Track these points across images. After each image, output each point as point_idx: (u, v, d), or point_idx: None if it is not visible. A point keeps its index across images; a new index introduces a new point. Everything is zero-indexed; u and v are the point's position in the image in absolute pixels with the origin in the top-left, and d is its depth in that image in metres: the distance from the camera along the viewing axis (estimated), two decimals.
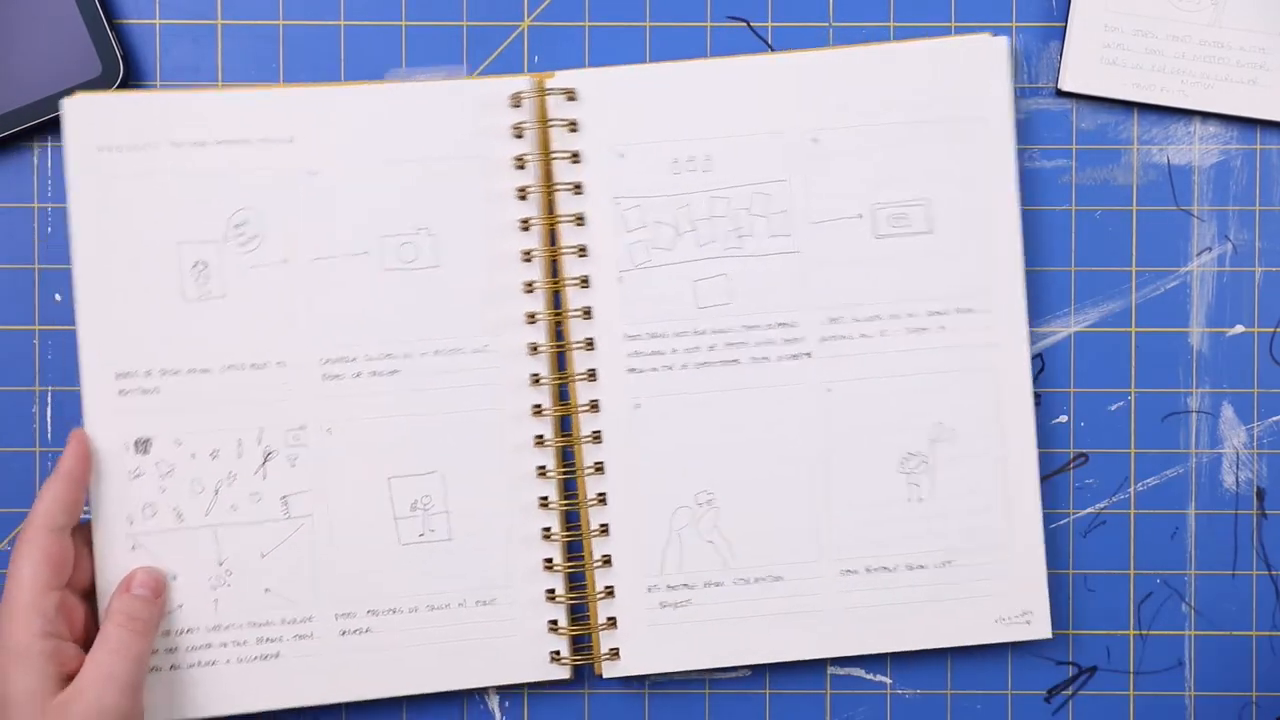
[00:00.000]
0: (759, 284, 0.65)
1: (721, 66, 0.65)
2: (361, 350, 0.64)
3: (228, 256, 0.63)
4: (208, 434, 0.63)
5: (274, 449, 0.64)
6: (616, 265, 0.65)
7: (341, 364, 0.64)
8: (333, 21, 0.67)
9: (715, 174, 0.65)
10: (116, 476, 0.63)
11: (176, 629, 0.63)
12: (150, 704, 0.63)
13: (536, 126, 0.65)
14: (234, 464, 0.63)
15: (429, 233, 0.64)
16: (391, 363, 0.64)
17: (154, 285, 0.63)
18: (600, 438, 0.65)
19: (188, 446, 0.63)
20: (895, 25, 0.67)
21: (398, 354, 0.64)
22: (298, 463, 0.64)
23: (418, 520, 0.64)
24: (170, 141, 0.63)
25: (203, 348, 0.63)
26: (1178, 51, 0.66)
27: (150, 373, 0.63)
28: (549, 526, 0.65)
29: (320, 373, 0.64)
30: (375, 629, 0.64)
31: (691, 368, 0.65)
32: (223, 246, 0.63)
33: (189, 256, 0.63)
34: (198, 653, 0.63)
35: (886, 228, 0.65)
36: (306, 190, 0.64)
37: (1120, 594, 0.67)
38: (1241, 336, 0.67)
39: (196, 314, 0.63)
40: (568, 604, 0.65)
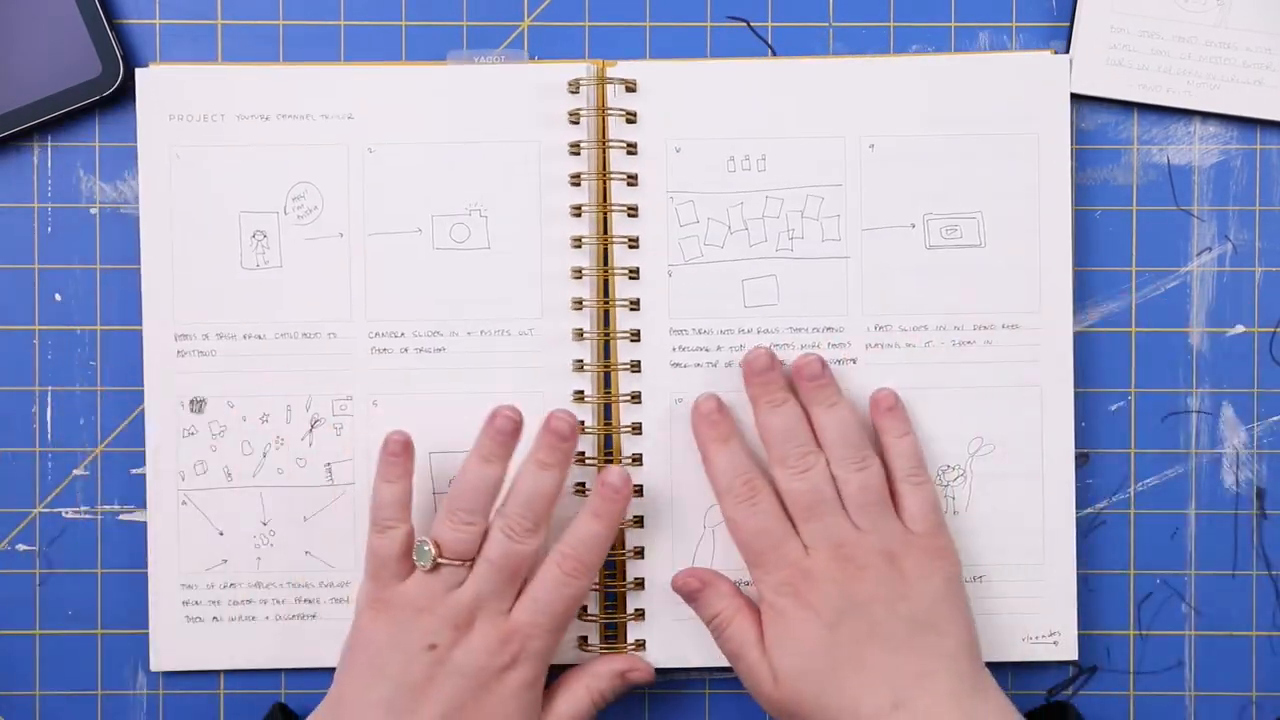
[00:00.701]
0: (808, 287, 0.65)
1: (782, 67, 0.66)
2: (410, 326, 0.65)
3: (286, 228, 0.65)
4: (259, 398, 0.65)
5: (321, 417, 0.65)
6: (666, 259, 0.65)
7: (390, 338, 0.65)
8: (332, 21, 0.67)
9: (770, 174, 0.65)
10: (171, 433, 0.65)
11: (221, 582, 0.66)
12: (191, 652, 0.65)
13: (595, 114, 0.65)
14: (282, 429, 0.65)
15: (481, 213, 0.65)
16: (438, 340, 0.65)
17: (214, 252, 0.65)
18: (640, 429, 0.65)
19: (239, 409, 0.65)
20: (895, 25, 0.67)
21: (445, 332, 0.65)
22: (343, 432, 0.65)
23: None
24: (236, 114, 0.65)
25: (258, 314, 0.65)
26: (1184, 52, 0.66)
27: (207, 335, 0.65)
28: None
29: (369, 345, 0.65)
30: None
31: (736, 366, 0.65)
32: (281, 218, 0.65)
33: (249, 226, 0.65)
34: (239, 607, 0.66)
35: (938, 239, 0.65)
36: (364, 166, 0.65)
37: (1120, 594, 0.67)
38: (1241, 336, 0.67)
39: (254, 282, 0.65)
40: (601, 591, 0.65)
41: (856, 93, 0.65)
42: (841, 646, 0.58)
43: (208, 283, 0.65)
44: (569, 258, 0.65)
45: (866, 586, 0.59)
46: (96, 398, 0.66)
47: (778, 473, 0.62)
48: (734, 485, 0.62)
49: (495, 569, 0.60)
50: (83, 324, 0.66)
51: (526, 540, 0.60)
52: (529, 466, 0.61)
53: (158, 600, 0.65)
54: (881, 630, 0.59)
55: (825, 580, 0.60)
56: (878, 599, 0.59)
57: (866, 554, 0.60)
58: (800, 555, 0.61)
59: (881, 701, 0.58)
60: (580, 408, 0.65)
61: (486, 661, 0.59)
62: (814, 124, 0.65)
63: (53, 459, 0.67)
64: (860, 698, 0.58)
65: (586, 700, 0.63)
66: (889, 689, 0.58)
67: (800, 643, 0.59)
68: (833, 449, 0.62)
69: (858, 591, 0.59)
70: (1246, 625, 0.67)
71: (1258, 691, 0.67)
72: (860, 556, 0.60)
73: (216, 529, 0.65)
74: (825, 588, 0.59)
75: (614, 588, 0.66)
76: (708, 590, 0.63)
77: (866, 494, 0.61)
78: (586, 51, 0.67)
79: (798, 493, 0.61)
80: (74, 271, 0.66)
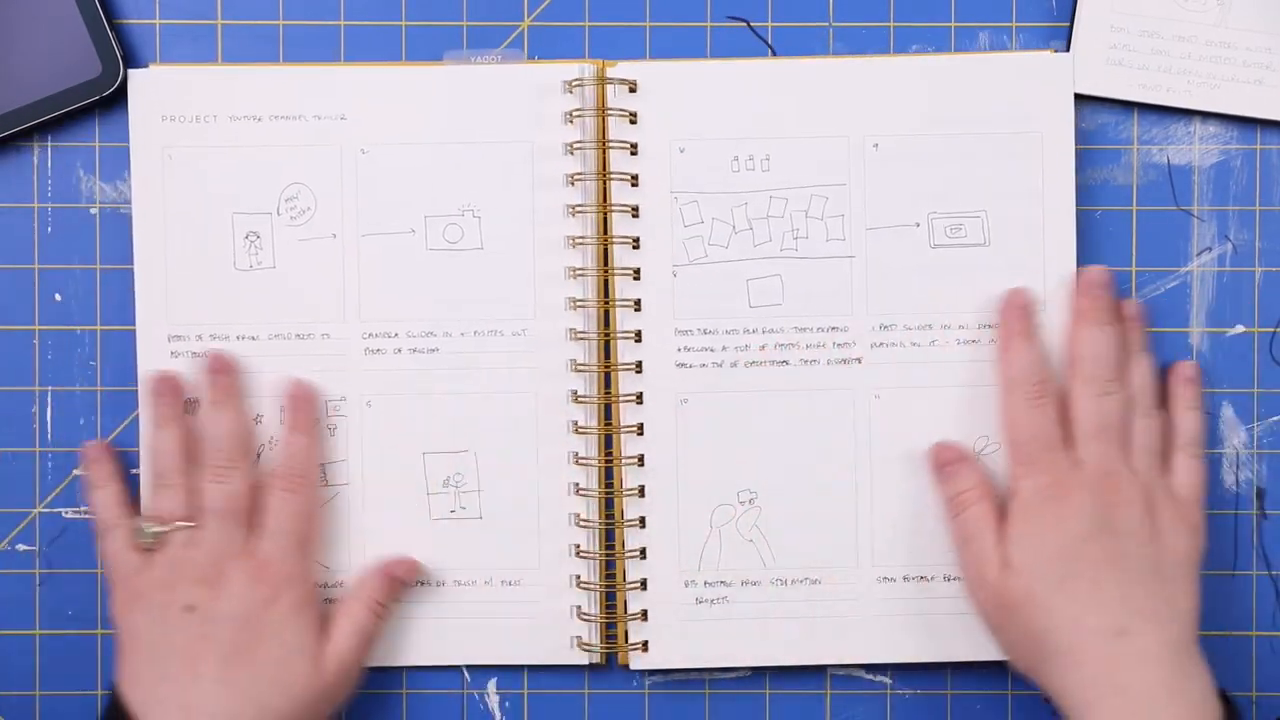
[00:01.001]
0: (812, 287, 0.65)
1: (784, 67, 0.66)
2: (403, 327, 0.65)
3: (279, 229, 0.65)
4: (253, 399, 0.65)
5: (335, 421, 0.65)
6: (671, 259, 0.65)
7: (384, 339, 0.65)
8: (332, 21, 0.67)
9: (774, 174, 0.65)
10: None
11: None
12: None
13: (595, 115, 0.65)
14: (276, 429, 0.65)
15: (474, 214, 0.65)
16: (432, 340, 0.65)
17: (208, 253, 0.65)
18: (643, 430, 0.65)
19: None
20: (895, 25, 0.67)
21: (438, 332, 0.65)
22: (337, 432, 0.65)
23: (449, 497, 0.65)
24: (229, 115, 0.65)
25: (251, 316, 0.65)
26: (1184, 52, 0.66)
27: (201, 337, 0.65)
28: (579, 512, 0.65)
29: (363, 346, 0.65)
30: (402, 599, 0.65)
31: (741, 366, 0.65)
32: (274, 219, 0.65)
33: (242, 227, 0.65)
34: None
35: (943, 237, 0.65)
36: (356, 167, 0.65)
37: None
38: (1241, 336, 0.67)
39: (247, 283, 0.65)
40: (601, 591, 0.65)
41: (860, 92, 0.65)
42: (1085, 559, 0.59)
43: (201, 284, 0.65)
44: (564, 258, 0.65)
45: (1122, 518, 0.60)
46: (96, 398, 0.66)
47: (1079, 388, 0.63)
48: (1025, 382, 0.63)
49: (217, 516, 0.62)
50: (82, 324, 0.66)
51: (230, 477, 0.62)
52: (205, 412, 0.64)
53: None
54: (1127, 561, 0.59)
55: (1088, 496, 0.60)
56: (1130, 533, 0.60)
57: (1131, 490, 0.61)
58: (1069, 467, 0.61)
59: (1108, 621, 0.58)
60: (576, 408, 0.65)
61: (248, 600, 0.61)
62: (818, 124, 0.65)
63: (53, 459, 0.67)
64: (1088, 611, 0.58)
65: (364, 612, 0.64)
66: (1118, 613, 0.58)
67: (1045, 544, 0.60)
68: (1135, 389, 0.63)
69: (1113, 518, 0.60)
70: (1246, 625, 0.67)
71: (1258, 691, 0.67)
72: (1125, 489, 0.61)
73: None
74: (1085, 503, 0.60)
75: (610, 588, 0.66)
76: (961, 464, 0.64)
77: (1149, 438, 0.62)
78: (586, 51, 0.67)
79: (1092, 413, 0.62)
80: (74, 271, 0.66)
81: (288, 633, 0.61)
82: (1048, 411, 0.62)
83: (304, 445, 0.64)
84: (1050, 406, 0.63)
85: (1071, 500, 0.60)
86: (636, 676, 0.67)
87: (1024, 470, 0.62)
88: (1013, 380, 0.63)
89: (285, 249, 0.65)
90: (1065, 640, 0.58)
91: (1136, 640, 0.58)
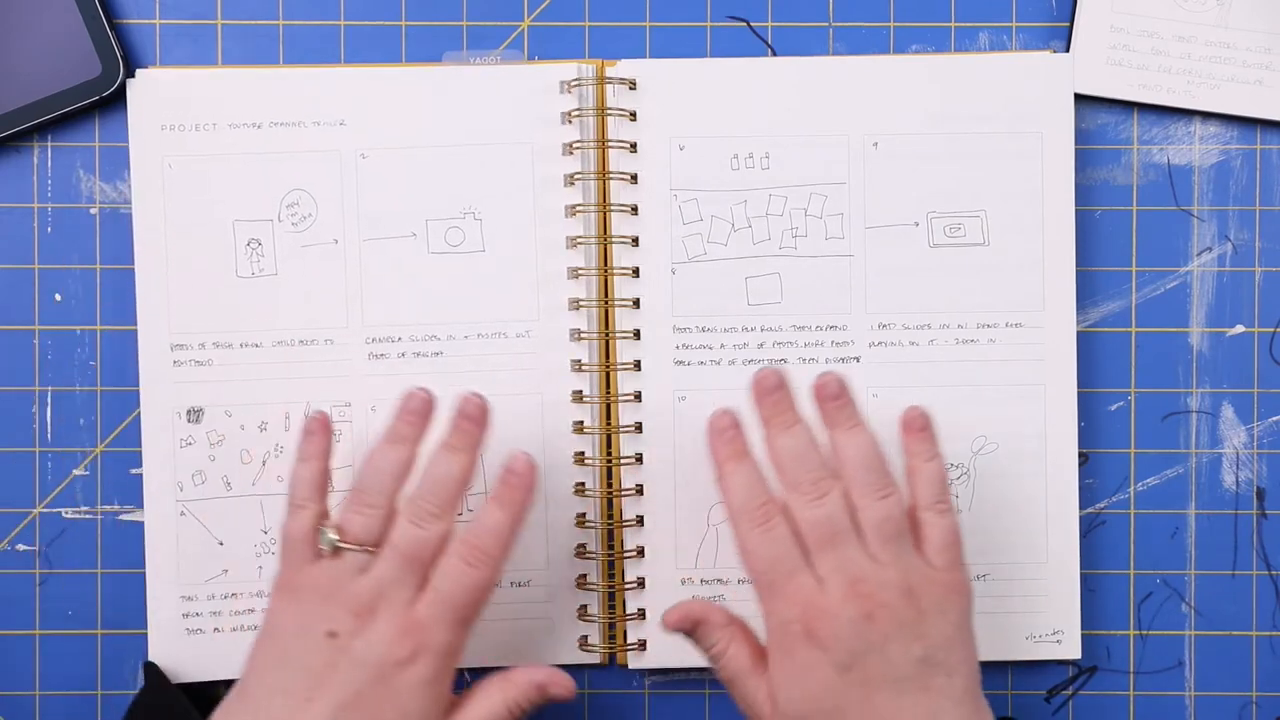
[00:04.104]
0: (811, 285, 0.65)
1: (784, 66, 0.66)
2: (406, 331, 0.65)
3: (280, 235, 0.65)
4: (257, 406, 0.65)
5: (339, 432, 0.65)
6: (670, 257, 0.65)
7: (387, 343, 0.65)
8: (332, 21, 0.67)
9: (773, 172, 0.65)
10: (168, 444, 0.65)
11: (222, 593, 0.65)
12: (193, 664, 0.65)
13: (591, 115, 0.65)
14: (281, 437, 0.65)
15: (475, 216, 0.65)
16: (435, 344, 0.65)
17: (209, 261, 0.65)
18: (642, 428, 0.65)
19: (237, 418, 0.65)
20: (895, 25, 0.67)
21: (442, 335, 0.65)
22: (342, 438, 0.65)
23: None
24: (228, 123, 0.65)
25: (254, 323, 0.65)
26: (1183, 52, 0.66)
27: (204, 345, 0.65)
28: (584, 513, 0.65)
29: (366, 351, 0.65)
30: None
31: (739, 364, 0.65)
32: (276, 226, 0.65)
33: (243, 234, 0.65)
34: (240, 617, 0.66)
35: (942, 237, 0.65)
36: (357, 172, 0.65)
37: (1120, 594, 0.67)
38: (1241, 336, 0.67)
39: (249, 290, 0.65)
40: (603, 591, 0.66)
41: (860, 91, 0.65)
42: (851, 689, 0.56)
43: (203, 292, 0.65)
44: (565, 258, 0.65)
45: (882, 626, 0.56)
46: (96, 398, 0.66)
47: (791, 499, 0.58)
48: (749, 508, 0.58)
49: (399, 554, 0.58)
50: (82, 324, 0.66)
51: (430, 525, 0.58)
52: (438, 451, 0.59)
53: (157, 611, 0.65)
54: (894, 672, 0.56)
55: (840, 619, 0.56)
56: (893, 639, 0.56)
57: (884, 589, 0.56)
58: (814, 589, 0.57)
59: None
60: (579, 408, 0.65)
61: (385, 653, 0.57)
62: (817, 122, 0.65)
63: (53, 459, 0.67)
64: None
65: (503, 708, 0.59)
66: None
67: (808, 683, 0.56)
68: (853, 475, 0.58)
69: (872, 631, 0.56)
70: (1246, 625, 0.67)
71: (1258, 691, 0.67)
72: (878, 593, 0.56)
73: (216, 539, 0.65)
74: (839, 627, 0.56)
75: (614, 588, 0.66)
76: (701, 628, 0.60)
77: (888, 525, 0.57)
78: (586, 51, 0.67)
79: (813, 521, 0.57)
80: (73, 271, 0.66)
81: (412, 702, 0.57)
82: (778, 534, 0.57)
83: (502, 523, 0.59)
84: (780, 528, 0.58)
85: (823, 627, 0.56)
86: (636, 676, 0.67)
87: (771, 603, 0.57)
88: (736, 509, 0.58)
89: (287, 256, 0.65)
90: None
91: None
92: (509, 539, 0.59)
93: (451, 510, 0.59)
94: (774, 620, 0.58)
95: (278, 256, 0.65)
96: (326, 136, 0.65)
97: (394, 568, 0.58)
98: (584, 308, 0.65)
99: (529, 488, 0.59)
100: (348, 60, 0.67)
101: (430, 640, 0.57)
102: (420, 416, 0.59)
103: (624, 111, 0.65)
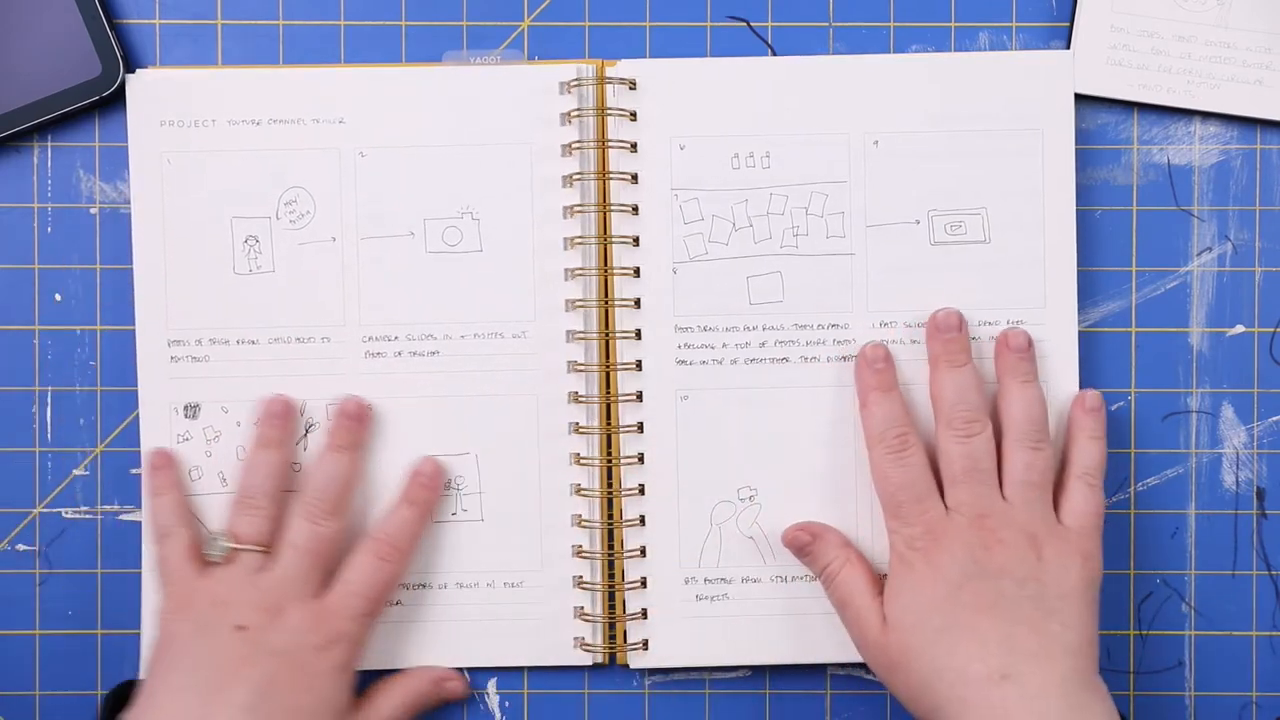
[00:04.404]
0: (812, 284, 0.65)
1: (785, 65, 0.66)
2: (403, 330, 0.65)
3: (278, 232, 0.65)
4: (253, 403, 0.65)
5: (315, 421, 0.65)
6: (671, 257, 0.65)
7: (383, 342, 0.65)
8: (332, 21, 0.67)
9: (774, 171, 0.65)
10: (165, 440, 0.65)
11: None
12: None
13: (590, 115, 0.65)
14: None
15: (473, 216, 0.65)
16: (432, 343, 0.65)
17: (207, 257, 0.65)
18: (643, 428, 0.65)
19: (234, 414, 0.65)
20: (895, 25, 0.67)
21: (438, 335, 0.65)
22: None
23: (451, 499, 0.66)
24: (227, 119, 0.65)
25: (251, 320, 0.65)
26: (1183, 52, 0.66)
27: (200, 341, 0.65)
28: (580, 513, 0.65)
29: (363, 350, 0.65)
30: (405, 602, 0.66)
31: (741, 363, 0.65)
32: (273, 223, 0.65)
33: (241, 231, 0.65)
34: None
35: (943, 235, 0.65)
36: (356, 170, 0.65)
37: (1120, 594, 0.67)
38: (1241, 336, 0.67)
39: (247, 287, 0.65)
40: (604, 591, 0.66)
41: (860, 90, 0.65)
42: (961, 609, 0.58)
43: (201, 288, 0.65)
44: (563, 259, 0.65)
45: (999, 559, 0.59)
46: (96, 398, 0.66)
47: (943, 433, 0.62)
48: (886, 435, 0.62)
49: (299, 553, 0.61)
50: (82, 324, 0.66)
51: (326, 523, 0.62)
52: (324, 453, 0.63)
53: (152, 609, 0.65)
54: (1004, 602, 0.58)
55: (959, 543, 0.59)
56: (1008, 573, 0.59)
57: (1008, 528, 0.60)
58: (940, 515, 0.60)
59: (990, 668, 0.57)
60: (577, 408, 0.65)
61: (301, 640, 0.60)
62: (818, 121, 0.65)
63: (53, 459, 0.67)
64: (969, 660, 0.57)
65: (404, 703, 0.64)
66: (1000, 659, 0.57)
67: (920, 596, 0.59)
68: (1015, 423, 0.62)
69: (989, 561, 0.59)
70: (1246, 625, 0.67)
71: (1258, 691, 0.67)
72: (1001, 529, 0.60)
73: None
74: (957, 550, 0.59)
75: (615, 588, 0.66)
76: (818, 542, 0.64)
77: (1031, 474, 0.61)
78: (586, 51, 0.67)
79: (957, 456, 0.61)
80: (73, 271, 0.66)
81: (326, 687, 0.60)
82: (911, 461, 0.62)
83: (410, 520, 0.64)
84: (914, 456, 0.62)
85: (943, 549, 0.60)
86: (636, 676, 0.67)
87: (897, 523, 0.61)
88: (874, 436, 0.63)
89: (284, 253, 0.65)
90: (949, 691, 0.57)
91: (1022, 683, 0.57)
92: (417, 535, 0.64)
93: (345, 507, 0.63)
94: (898, 538, 0.61)
95: (275, 254, 0.65)
96: (326, 134, 0.65)
97: (295, 565, 0.61)
98: (582, 308, 0.65)
99: (436, 488, 0.64)
100: (348, 60, 0.67)
101: (343, 629, 0.61)
102: (283, 419, 0.64)
103: (624, 111, 0.65)
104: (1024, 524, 0.60)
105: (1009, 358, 0.64)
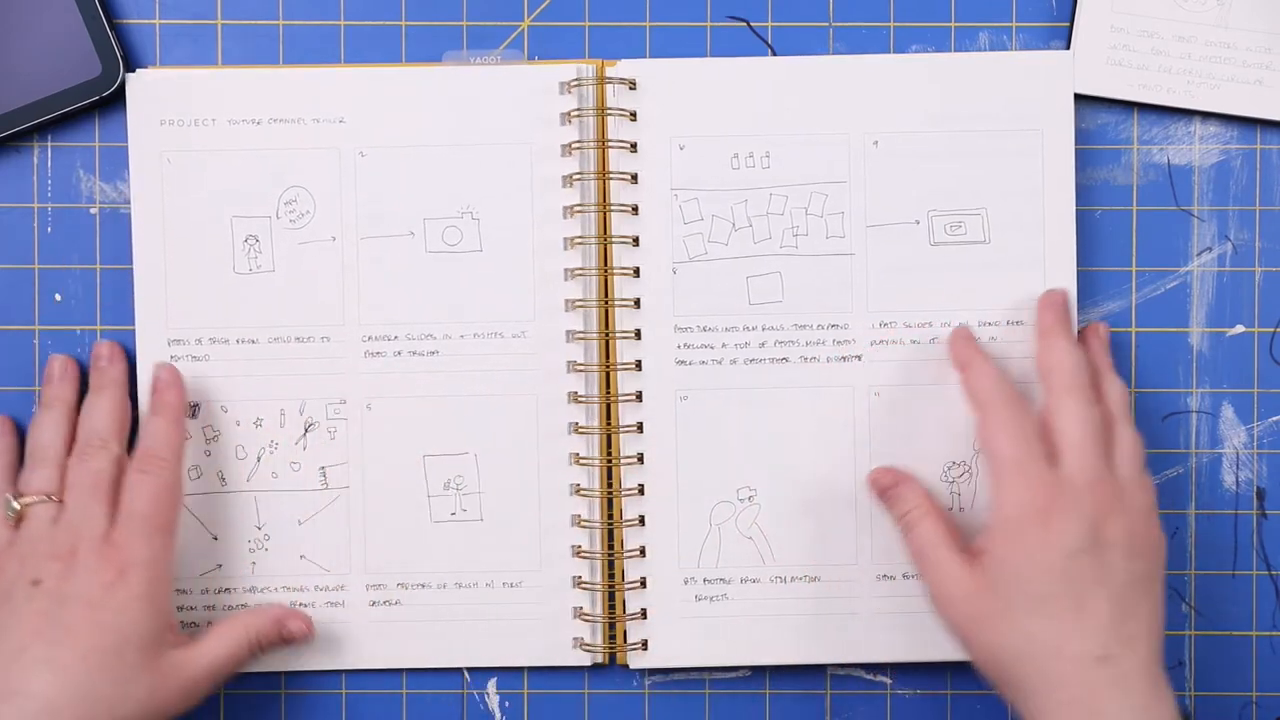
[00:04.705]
0: (812, 284, 0.65)
1: (785, 65, 0.66)
2: (403, 329, 0.65)
3: (278, 232, 0.65)
4: (253, 403, 0.65)
5: (315, 420, 0.65)
6: (670, 257, 0.65)
7: (383, 341, 0.65)
8: (332, 21, 0.67)
9: (774, 171, 0.65)
10: None
11: (215, 587, 0.66)
12: None
13: (590, 115, 0.65)
14: (276, 433, 0.66)
15: (473, 216, 0.65)
16: (432, 343, 0.65)
17: (207, 257, 0.65)
18: (643, 428, 0.65)
19: (233, 414, 0.65)
20: (895, 25, 0.67)
21: (438, 335, 0.65)
22: (337, 435, 0.65)
23: (450, 499, 0.66)
24: (227, 119, 0.65)
25: (251, 319, 0.65)
26: (1183, 52, 0.66)
27: (200, 340, 0.65)
28: (580, 513, 0.65)
29: (363, 349, 0.65)
30: (404, 602, 0.66)
31: (741, 363, 0.65)
32: (274, 222, 0.65)
33: (241, 231, 0.65)
34: (234, 611, 0.65)
35: (943, 235, 0.65)
36: (356, 170, 0.65)
37: None
38: (1241, 336, 0.67)
39: (247, 286, 0.65)
40: (604, 592, 0.66)
41: (860, 90, 0.65)
42: (1072, 579, 0.58)
43: (200, 288, 0.65)
44: (563, 259, 0.65)
45: (1112, 530, 0.58)
46: None
47: (1061, 399, 0.61)
48: (999, 401, 0.61)
49: (78, 490, 0.61)
50: (82, 324, 0.66)
51: (97, 456, 0.62)
52: (88, 398, 0.64)
53: None
54: (1114, 578, 0.58)
55: (1075, 510, 0.58)
56: (1119, 546, 0.58)
57: (1118, 500, 0.59)
58: (1054, 481, 0.59)
59: (1090, 647, 0.57)
60: (576, 408, 0.65)
61: (91, 580, 0.59)
62: (818, 121, 0.65)
63: None
64: (1070, 636, 0.57)
65: (244, 639, 0.63)
66: (1101, 638, 0.57)
67: (1032, 560, 0.58)
68: (1116, 404, 0.62)
69: (1104, 531, 0.58)
70: (1246, 625, 0.67)
71: (1258, 691, 0.67)
72: (1113, 500, 0.59)
73: (211, 534, 0.65)
74: (1073, 516, 0.58)
75: (615, 588, 0.66)
76: (900, 487, 0.63)
77: (1136, 448, 0.61)
78: (586, 51, 0.67)
79: (1078, 420, 0.60)
80: (73, 271, 0.66)
81: (126, 622, 0.59)
82: (1027, 423, 0.61)
83: (162, 427, 0.63)
84: (1031, 418, 0.61)
85: (1059, 514, 0.58)
86: (636, 676, 0.67)
87: (1008, 486, 0.60)
88: (985, 399, 0.62)
89: (284, 252, 0.65)
90: (1041, 666, 0.57)
91: (1116, 666, 0.57)
92: (174, 441, 0.63)
93: (115, 440, 0.63)
94: (1010, 502, 0.60)
95: (275, 253, 0.65)
96: (326, 134, 0.65)
97: (79, 504, 0.61)
98: (582, 308, 0.65)
99: (178, 387, 0.64)
100: (348, 60, 0.67)
101: (132, 555, 0.60)
102: (61, 379, 0.64)
103: (624, 111, 0.65)
104: (1130, 500, 0.60)
105: (1097, 345, 0.65)
